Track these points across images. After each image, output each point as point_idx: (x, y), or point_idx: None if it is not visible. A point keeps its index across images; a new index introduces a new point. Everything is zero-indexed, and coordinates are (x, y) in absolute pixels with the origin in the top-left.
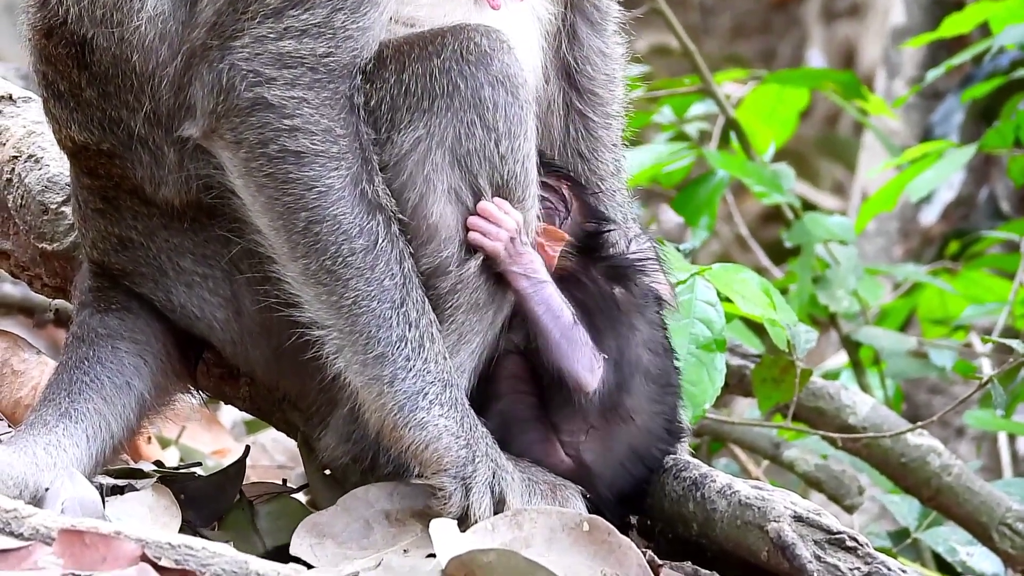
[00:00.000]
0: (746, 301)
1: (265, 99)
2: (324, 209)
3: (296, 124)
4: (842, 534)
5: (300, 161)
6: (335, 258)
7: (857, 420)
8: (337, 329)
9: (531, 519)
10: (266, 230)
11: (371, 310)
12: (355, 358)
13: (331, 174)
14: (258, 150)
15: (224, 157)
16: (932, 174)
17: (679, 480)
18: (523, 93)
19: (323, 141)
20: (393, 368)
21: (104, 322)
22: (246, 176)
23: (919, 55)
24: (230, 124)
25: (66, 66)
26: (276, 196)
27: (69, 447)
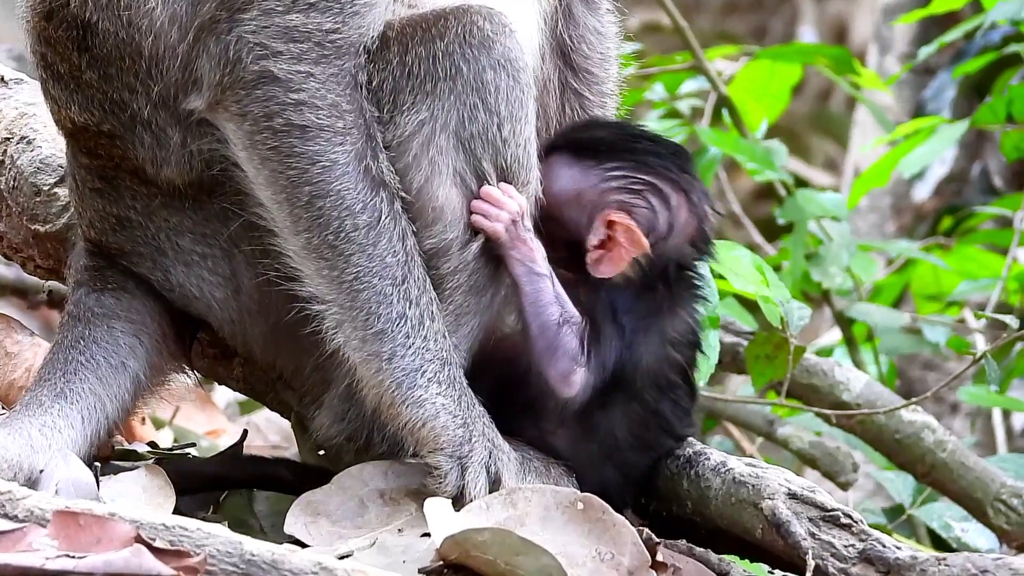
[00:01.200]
0: (739, 278)
1: (271, 72)
2: (328, 184)
3: (302, 98)
4: (837, 511)
5: (305, 135)
6: (337, 233)
7: (851, 397)
8: (337, 304)
9: (525, 498)
10: (268, 203)
11: (372, 286)
12: (354, 334)
13: (335, 149)
14: (263, 123)
15: (228, 130)
16: (925, 150)
17: (673, 458)
18: (524, 77)
19: (328, 116)
20: (392, 345)
21: (100, 301)
22: (250, 149)
23: (911, 32)
24: (235, 96)
25: (66, 48)
26: (280, 169)
27: (64, 428)
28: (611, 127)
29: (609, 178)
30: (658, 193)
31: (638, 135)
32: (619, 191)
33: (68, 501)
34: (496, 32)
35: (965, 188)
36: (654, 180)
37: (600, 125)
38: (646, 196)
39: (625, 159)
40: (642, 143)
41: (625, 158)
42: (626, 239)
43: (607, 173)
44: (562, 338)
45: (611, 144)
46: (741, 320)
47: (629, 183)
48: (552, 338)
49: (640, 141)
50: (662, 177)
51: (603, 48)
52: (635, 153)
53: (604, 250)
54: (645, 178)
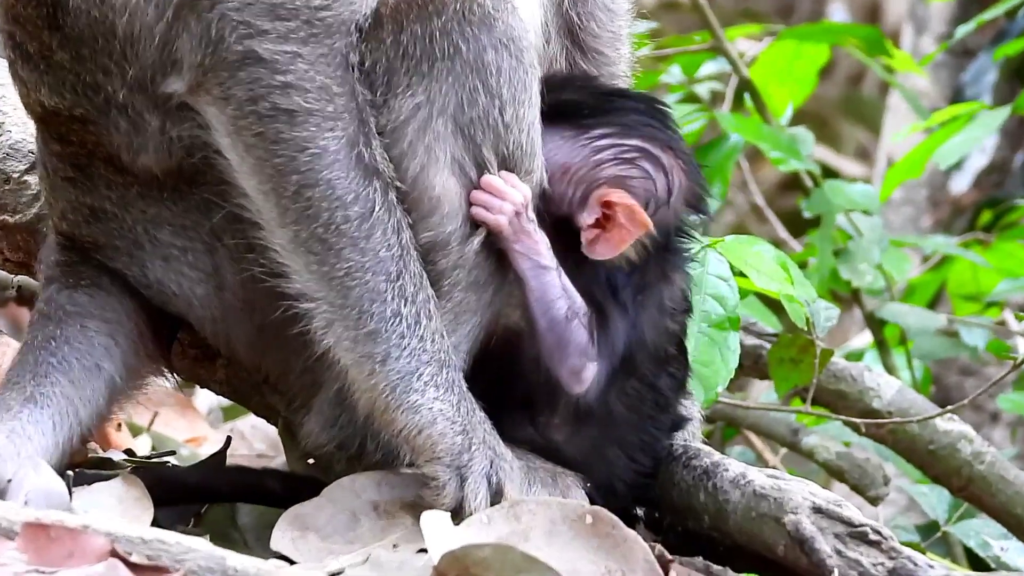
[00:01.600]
0: (761, 276)
1: (256, 53)
2: (317, 172)
3: (289, 80)
4: (865, 527)
5: (292, 120)
6: (327, 225)
7: (882, 404)
8: (328, 302)
9: (530, 511)
10: (253, 193)
11: (364, 282)
12: (346, 334)
13: (325, 135)
14: (247, 107)
15: (210, 114)
16: (962, 138)
17: (689, 469)
18: (528, 57)
19: (317, 99)
20: (387, 346)
21: (73, 299)
22: (234, 135)
23: (948, 10)
24: (218, 79)
25: (36, 27)
26: (265, 157)
27: (34, 435)
28: (580, 86)
29: (598, 148)
30: (651, 158)
31: (610, 93)
32: (611, 163)
33: (38, 512)
34: (497, 9)
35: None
36: (645, 145)
37: (567, 85)
38: (640, 164)
39: (610, 123)
40: (618, 101)
41: (609, 122)
42: (627, 219)
43: (594, 143)
44: (572, 333)
45: (591, 107)
46: (764, 321)
47: (620, 151)
48: (562, 334)
49: (616, 99)
50: (651, 139)
51: (614, 26)
52: (617, 114)
53: (600, 230)
54: (635, 143)
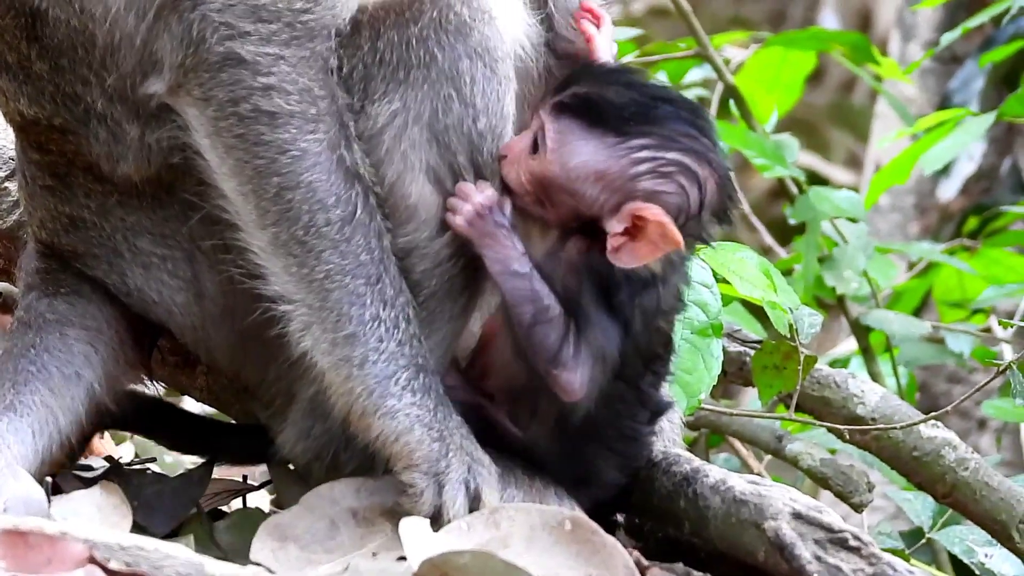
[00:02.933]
0: (744, 282)
1: (238, 54)
2: (298, 175)
3: (271, 83)
4: (844, 533)
5: (274, 122)
6: (308, 228)
7: (866, 411)
8: (306, 304)
9: (509, 517)
10: (233, 195)
11: (344, 285)
12: (324, 336)
13: (307, 137)
14: (228, 109)
15: (190, 115)
16: (948, 144)
17: (669, 475)
18: (503, 68)
19: (300, 102)
20: (364, 349)
21: (52, 306)
22: (214, 136)
23: (935, 16)
24: (199, 80)
25: (14, 37)
26: (246, 159)
27: (13, 444)
28: (623, 82)
29: (636, 160)
30: (688, 173)
31: (656, 96)
32: (648, 176)
33: (16, 519)
34: (474, 18)
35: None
36: (685, 160)
37: (610, 79)
38: (677, 179)
39: (651, 133)
40: (662, 107)
41: (650, 132)
42: (658, 235)
43: (634, 154)
44: (538, 339)
45: (633, 112)
46: (748, 328)
47: (658, 164)
48: (528, 339)
49: (659, 104)
50: (692, 153)
51: None
52: (659, 123)
53: (628, 238)
54: (675, 157)
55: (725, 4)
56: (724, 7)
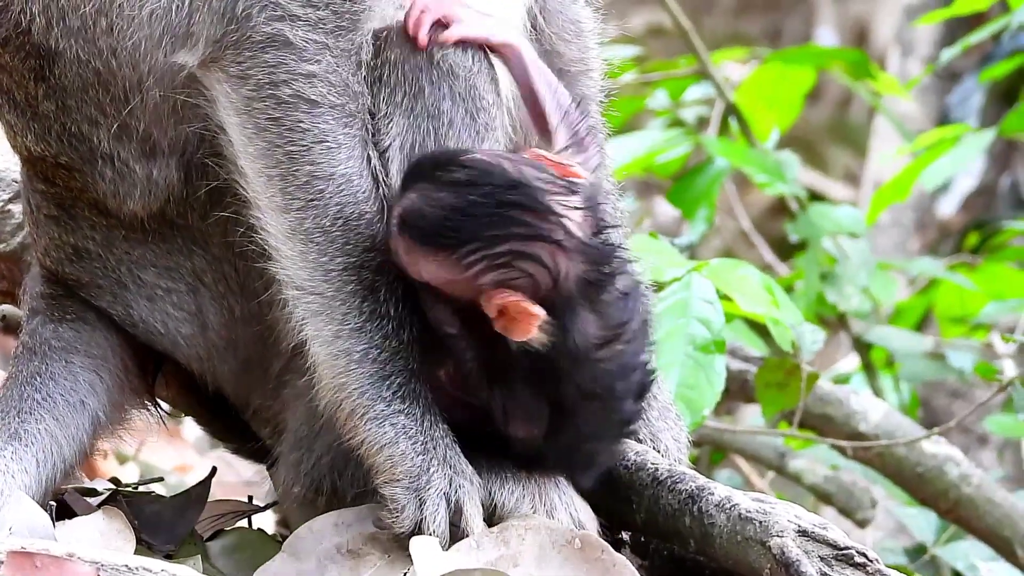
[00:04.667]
0: (747, 299)
1: (285, 36)
2: (332, 166)
3: (315, 70)
4: (850, 549)
5: (313, 111)
6: (336, 219)
7: (868, 427)
8: (317, 293)
9: (519, 535)
10: (254, 176)
11: (361, 280)
12: (327, 328)
13: (344, 130)
14: (267, 90)
15: (220, 91)
16: (948, 161)
17: (674, 493)
18: (483, 117)
19: (340, 94)
20: (367, 345)
21: (58, 333)
22: (244, 115)
23: (935, 33)
24: (237, 56)
25: (22, 77)
26: (278, 143)
27: (18, 473)
28: (446, 182)
29: (470, 264)
30: (524, 257)
31: (473, 193)
32: (486, 272)
33: (23, 540)
34: (467, 63)
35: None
36: (514, 248)
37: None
38: (515, 266)
39: (474, 237)
40: (479, 205)
41: (474, 236)
42: (520, 313)
43: (465, 260)
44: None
45: (454, 225)
46: (750, 344)
47: (492, 262)
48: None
49: (477, 203)
50: (518, 239)
51: (581, 43)
52: (479, 224)
53: (505, 320)
54: (504, 249)
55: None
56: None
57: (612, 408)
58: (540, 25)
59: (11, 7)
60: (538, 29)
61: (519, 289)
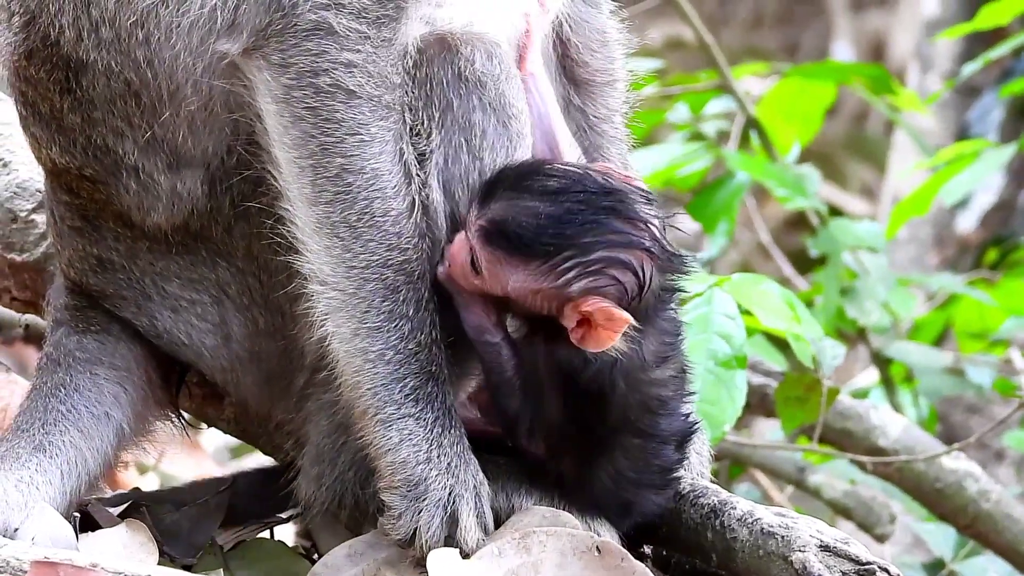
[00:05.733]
0: (768, 314)
1: (330, 25)
2: (363, 160)
3: (354, 59)
4: (872, 564)
5: (350, 101)
6: (363, 214)
7: (888, 442)
8: (339, 289)
9: (540, 542)
10: (287, 166)
11: (383, 278)
12: (347, 324)
13: (378, 123)
14: (307, 78)
15: (260, 79)
16: (968, 176)
17: (696, 507)
18: (516, 125)
19: (377, 86)
20: (383, 346)
21: (82, 344)
22: (283, 103)
23: (954, 48)
24: (281, 44)
25: (48, 90)
26: (313, 133)
27: (42, 484)
28: (537, 191)
29: (564, 271)
30: (617, 264)
31: (569, 200)
32: (578, 279)
33: (47, 550)
34: (495, 71)
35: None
36: (609, 255)
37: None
38: (607, 273)
39: (570, 245)
40: (577, 213)
41: (570, 244)
42: (606, 321)
43: (559, 267)
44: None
45: (550, 233)
46: (770, 359)
47: (585, 268)
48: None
49: (574, 211)
50: (614, 247)
51: (607, 53)
52: (576, 232)
53: (584, 329)
54: (599, 256)
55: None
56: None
57: (653, 450)
58: (566, 34)
59: (39, 19)
60: (563, 38)
61: (607, 296)
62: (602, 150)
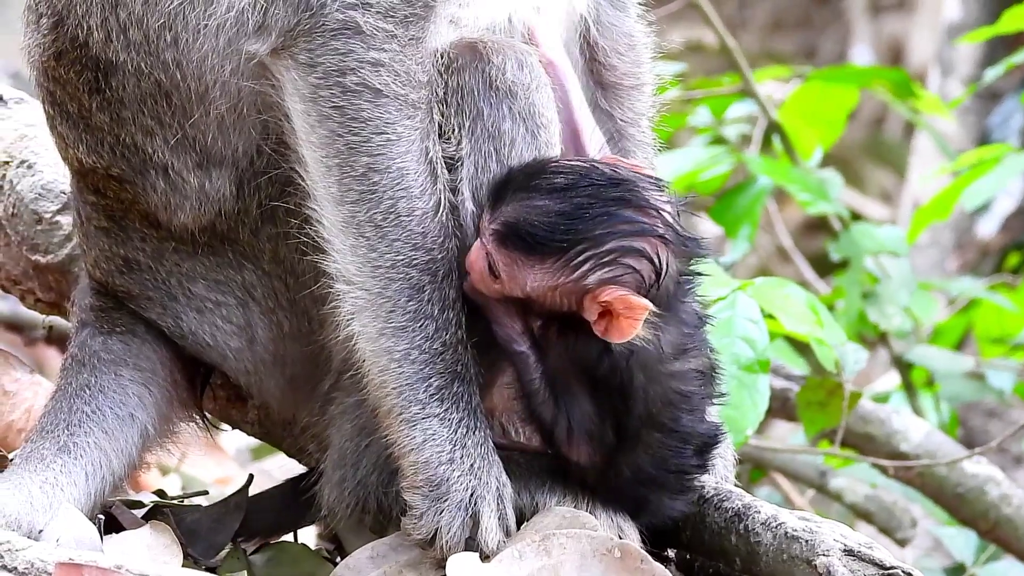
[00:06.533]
0: (790, 318)
1: (357, 24)
2: (389, 159)
3: (381, 59)
4: (896, 569)
5: (377, 100)
6: (388, 214)
7: (909, 446)
8: (364, 289)
9: (560, 544)
10: (314, 165)
11: (408, 278)
12: (372, 324)
13: (404, 122)
14: (334, 77)
15: (288, 78)
16: (989, 181)
17: (720, 511)
18: (544, 135)
19: (404, 84)
20: (408, 345)
21: (107, 345)
22: (310, 103)
23: (976, 52)
24: (309, 44)
25: (76, 89)
26: (339, 132)
27: (67, 486)
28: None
29: (579, 264)
30: (632, 253)
31: (579, 195)
32: (593, 271)
33: (71, 552)
34: (525, 81)
35: None
36: (622, 244)
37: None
38: (622, 262)
39: (584, 239)
40: (587, 207)
41: (583, 237)
42: (626, 309)
43: (575, 261)
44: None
45: (562, 229)
46: (792, 363)
47: (600, 259)
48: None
49: (584, 205)
50: (627, 236)
51: (635, 57)
52: (588, 225)
53: (606, 319)
54: (613, 246)
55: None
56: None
57: (673, 449)
58: (593, 37)
59: (67, 21)
60: (591, 42)
61: (625, 285)
62: (629, 154)
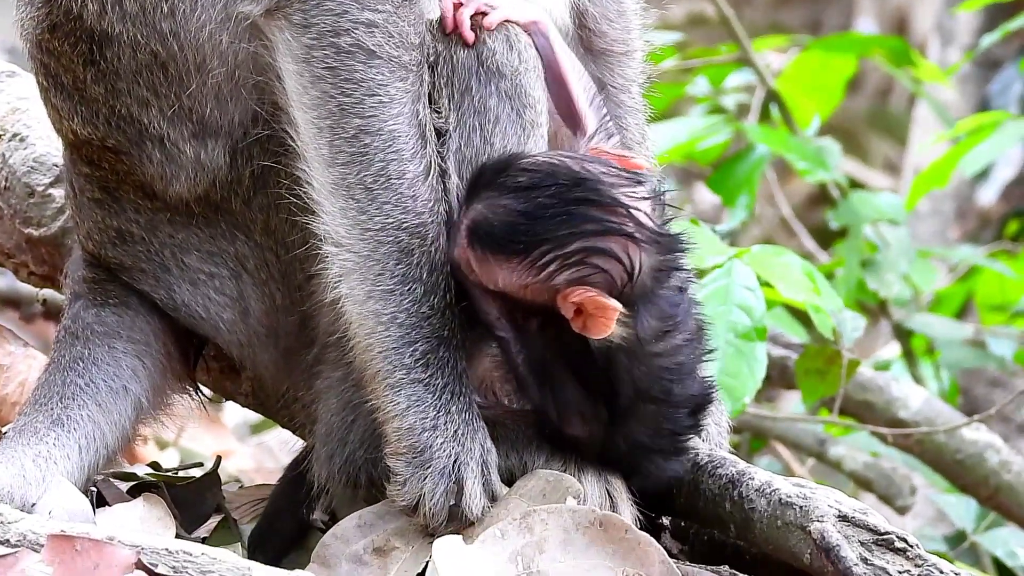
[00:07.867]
0: (788, 286)
1: None
2: (381, 121)
3: (375, 19)
4: (890, 534)
5: (369, 61)
6: (378, 176)
7: (909, 414)
8: (353, 251)
9: (542, 520)
10: (306, 127)
11: (397, 241)
12: (360, 287)
13: (397, 84)
14: (328, 38)
15: (281, 39)
16: (987, 147)
17: (715, 478)
18: (530, 114)
19: (396, 46)
20: (396, 309)
21: (100, 318)
22: (303, 63)
23: (975, 20)
24: (303, 4)
25: (71, 61)
26: (332, 93)
27: (60, 459)
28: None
29: (544, 265)
30: (598, 253)
31: (541, 196)
32: (560, 272)
33: (64, 524)
34: (513, 61)
35: None
36: (586, 244)
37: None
38: (589, 262)
39: (547, 239)
40: (549, 208)
41: (546, 238)
42: (597, 309)
43: (540, 262)
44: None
45: (523, 229)
46: (790, 331)
47: (565, 260)
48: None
49: (545, 205)
50: (591, 236)
51: (624, 23)
52: (550, 226)
53: (583, 318)
54: (577, 247)
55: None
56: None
57: (666, 415)
58: (583, 4)
59: None
60: (580, 8)
61: (595, 285)
62: (620, 120)
